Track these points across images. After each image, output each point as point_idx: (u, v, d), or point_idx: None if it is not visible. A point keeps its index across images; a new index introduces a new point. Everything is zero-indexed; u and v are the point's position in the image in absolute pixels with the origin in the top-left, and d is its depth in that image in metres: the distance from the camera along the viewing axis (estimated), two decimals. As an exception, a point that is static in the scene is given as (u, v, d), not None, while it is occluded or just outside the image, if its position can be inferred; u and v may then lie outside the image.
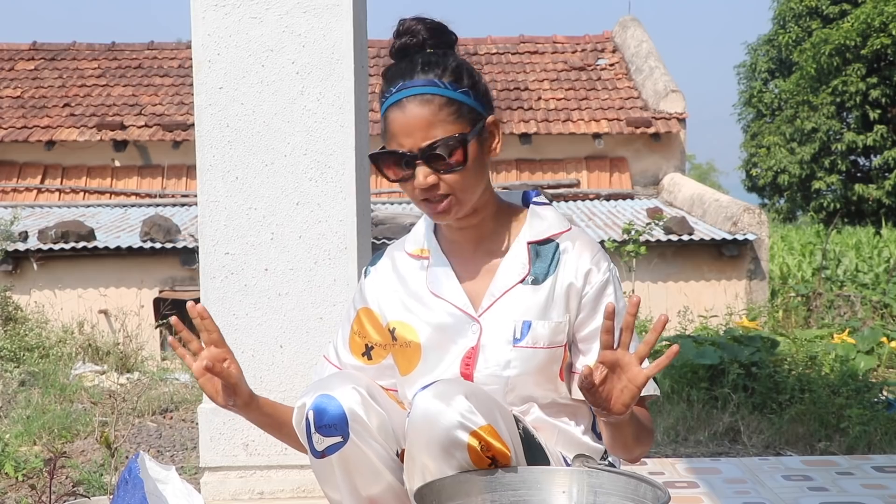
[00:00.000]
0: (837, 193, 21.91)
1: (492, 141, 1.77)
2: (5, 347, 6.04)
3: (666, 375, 4.76)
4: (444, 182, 1.70)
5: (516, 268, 1.79)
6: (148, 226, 9.75)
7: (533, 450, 1.74)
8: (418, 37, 1.76)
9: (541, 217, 1.84)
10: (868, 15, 20.37)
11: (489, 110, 1.78)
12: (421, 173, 1.69)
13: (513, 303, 1.77)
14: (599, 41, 14.98)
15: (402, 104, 1.70)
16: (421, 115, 1.68)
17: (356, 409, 1.68)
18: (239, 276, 2.74)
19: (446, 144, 1.68)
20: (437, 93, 1.69)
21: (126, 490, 2.17)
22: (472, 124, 1.72)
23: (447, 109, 1.69)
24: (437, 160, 1.69)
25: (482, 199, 1.78)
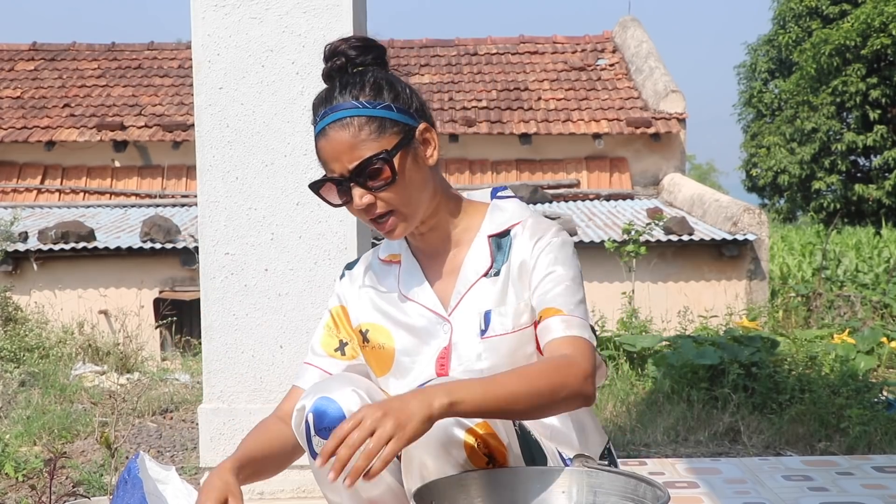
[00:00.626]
0: (837, 193, 21.90)
1: (426, 149, 1.76)
2: (5, 348, 6.04)
3: (666, 375, 4.76)
4: (381, 200, 1.71)
5: (479, 262, 1.81)
6: (148, 226, 9.75)
7: (529, 446, 1.74)
8: (345, 56, 1.75)
9: (501, 209, 1.85)
10: (868, 15, 20.37)
11: (419, 119, 1.76)
12: (356, 195, 1.70)
13: (477, 297, 1.79)
14: (599, 41, 14.98)
15: (325, 132, 1.70)
16: (343, 139, 1.68)
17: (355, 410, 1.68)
18: (239, 276, 2.74)
19: (371, 164, 1.68)
20: (355, 114, 1.69)
21: (126, 490, 2.17)
22: (399, 136, 1.70)
23: (368, 128, 1.68)
24: (367, 180, 1.69)
25: (432, 206, 1.78)
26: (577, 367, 1.65)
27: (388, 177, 1.69)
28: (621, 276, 8.54)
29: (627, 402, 4.66)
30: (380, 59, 1.78)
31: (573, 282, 1.76)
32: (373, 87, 1.72)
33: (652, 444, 3.97)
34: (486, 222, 1.84)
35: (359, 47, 1.76)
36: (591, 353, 1.69)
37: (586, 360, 1.67)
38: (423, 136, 1.75)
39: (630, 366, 5.38)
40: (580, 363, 1.65)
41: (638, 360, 5.44)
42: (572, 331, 1.70)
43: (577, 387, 1.63)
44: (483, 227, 1.83)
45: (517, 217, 1.83)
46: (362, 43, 1.77)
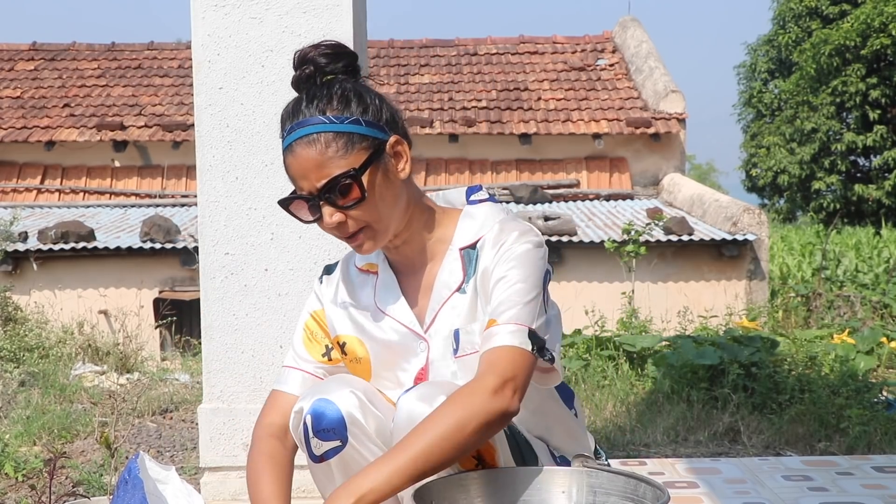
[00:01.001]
0: (837, 194, 21.90)
1: (397, 162, 1.70)
2: (5, 348, 6.04)
3: (666, 375, 4.76)
4: (352, 218, 1.67)
5: (451, 277, 1.75)
6: (148, 226, 9.74)
7: (520, 446, 1.74)
8: (314, 65, 1.70)
9: (472, 217, 1.79)
10: (868, 15, 20.37)
11: (390, 131, 1.70)
12: (326, 213, 1.66)
13: (450, 314, 1.74)
14: (599, 41, 14.98)
15: (292, 148, 1.65)
16: (309, 156, 1.63)
17: (354, 412, 1.68)
18: (239, 276, 2.74)
19: (339, 182, 1.63)
20: (322, 129, 1.63)
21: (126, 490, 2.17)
22: (368, 151, 1.65)
23: (335, 145, 1.63)
24: (336, 198, 1.64)
25: (405, 219, 1.74)
26: (479, 389, 1.57)
27: (358, 195, 1.64)
28: (621, 276, 8.54)
29: (627, 402, 4.66)
30: (351, 66, 1.73)
31: (524, 283, 1.67)
32: (341, 100, 1.66)
33: (652, 444, 3.97)
34: (458, 233, 1.77)
35: (329, 55, 1.71)
36: (513, 362, 1.60)
37: (498, 373, 1.58)
38: (394, 149, 1.70)
39: (630, 366, 5.38)
40: (484, 381, 1.57)
41: (638, 360, 5.44)
42: (497, 341, 1.62)
43: (484, 410, 1.54)
44: (455, 238, 1.77)
45: (486, 226, 1.75)
46: (333, 50, 1.71)
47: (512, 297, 1.65)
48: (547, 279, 1.72)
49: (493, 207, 1.81)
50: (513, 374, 1.59)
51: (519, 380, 1.60)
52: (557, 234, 9.63)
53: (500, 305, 1.65)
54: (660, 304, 8.83)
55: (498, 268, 1.68)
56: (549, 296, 1.74)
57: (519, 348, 1.61)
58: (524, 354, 1.61)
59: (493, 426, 1.57)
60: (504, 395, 1.56)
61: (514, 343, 1.61)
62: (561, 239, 9.62)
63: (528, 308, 1.65)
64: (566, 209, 11.36)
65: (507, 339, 1.62)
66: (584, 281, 9.70)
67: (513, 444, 1.73)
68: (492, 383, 1.57)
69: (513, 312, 1.64)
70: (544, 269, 1.71)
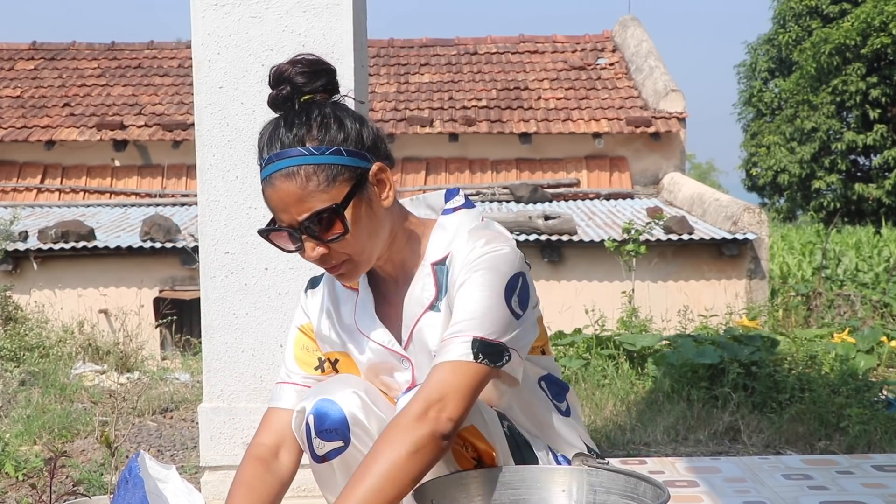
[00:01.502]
0: (837, 193, 21.90)
1: (381, 191, 1.66)
2: (5, 347, 6.04)
3: (666, 375, 4.76)
4: (334, 250, 1.64)
5: (424, 294, 1.72)
6: (148, 225, 9.75)
7: (520, 447, 1.74)
8: (291, 84, 1.63)
9: (444, 229, 1.75)
10: (868, 14, 20.37)
11: (372, 158, 1.64)
12: (308, 247, 1.63)
13: (426, 332, 1.71)
14: (599, 40, 14.98)
15: (271, 181, 1.60)
16: (290, 190, 1.58)
17: (357, 413, 1.68)
18: (239, 275, 2.74)
19: (321, 218, 1.59)
20: (302, 163, 1.58)
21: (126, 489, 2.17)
22: (350, 183, 1.60)
23: (316, 178, 1.58)
24: (317, 232, 1.61)
25: (388, 245, 1.71)
26: (402, 419, 1.55)
27: (340, 230, 1.61)
28: (621, 276, 8.54)
29: (627, 402, 4.66)
30: (330, 84, 1.66)
31: (480, 291, 1.62)
32: (320, 128, 1.60)
33: (652, 443, 3.97)
34: (430, 248, 1.74)
35: (307, 73, 1.63)
36: (443, 381, 1.56)
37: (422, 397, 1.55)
38: (377, 177, 1.65)
39: (630, 365, 5.38)
40: (408, 409, 1.55)
41: (638, 360, 5.44)
42: (437, 359, 1.60)
43: (409, 440, 1.52)
44: (426, 253, 1.74)
45: (456, 238, 1.71)
46: (311, 68, 1.64)
47: (465, 309, 1.61)
48: (517, 284, 1.66)
49: (467, 215, 1.77)
50: (439, 395, 1.55)
51: (450, 397, 1.55)
52: (557, 233, 9.63)
53: (454, 319, 1.63)
54: (660, 303, 8.83)
55: (459, 280, 1.65)
56: (528, 294, 1.69)
57: (457, 362, 1.57)
58: (463, 367, 1.57)
59: (426, 452, 1.53)
60: (427, 420, 1.53)
61: (453, 357, 1.58)
62: (561, 238, 9.62)
63: (480, 317, 1.60)
64: (566, 208, 11.36)
65: (446, 354, 1.59)
66: (584, 280, 9.70)
67: (513, 445, 1.73)
68: (414, 410, 1.54)
69: (460, 325, 1.60)
70: (510, 273, 1.65)
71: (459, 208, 1.78)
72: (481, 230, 1.72)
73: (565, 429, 1.84)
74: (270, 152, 1.61)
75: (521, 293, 1.66)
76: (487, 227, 1.73)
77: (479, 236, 1.69)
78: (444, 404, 1.55)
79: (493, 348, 1.60)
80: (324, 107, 1.63)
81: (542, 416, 1.81)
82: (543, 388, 1.82)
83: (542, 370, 1.82)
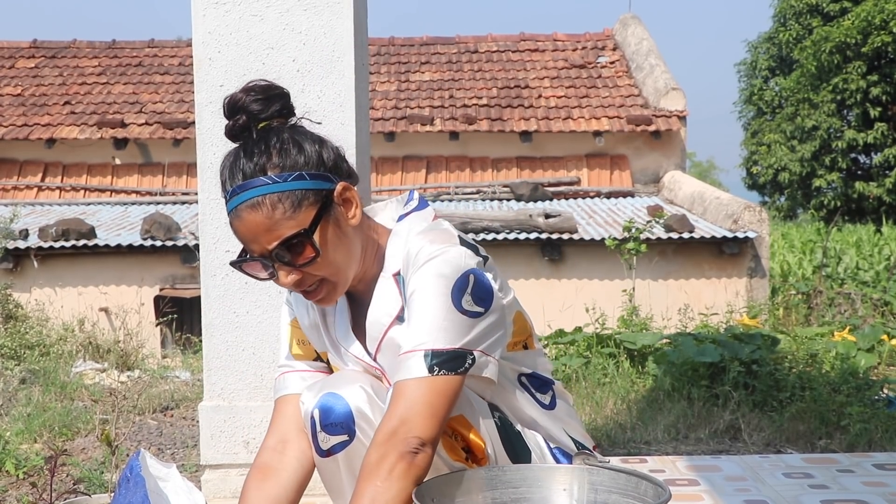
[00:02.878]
0: (838, 191, 21.90)
1: (347, 209, 1.66)
2: (6, 345, 6.04)
3: (667, 373, 4.76)
4: (307, 273, 1.64)
5: (389, 304, 1.72)
6: (148, 224, 9.74)
7: (511, 438, 1.74)
8: (246, 113, 1.62)
9: (398, 236, 1.75)
10: (869, 12, 20.36)
11: (336, 178, 1.65)
12: (281, 274, 1.64)
13: (395, 342, 1.70)
14: (600, 39, 14.97)
15: (238, 213, 1.61)
16: (256, 221, 1.59)
17: (363, 407, 1.68)
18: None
19: (290, 245, 1.60)
20: (266, 192, 1.58)
21: (127, 488, 2.17)
22: (316, 206, 1.61)
23: (281, 206, 1.59)
24: (288, 258, 1.62)
25: (361, 262, 1.72)
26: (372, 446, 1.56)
27: (311, 254, 1.62)
28: (622, 274, 8.54)
29: (628, 400, 4.66)
30: (286, 108, 1.66)
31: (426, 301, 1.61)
32: (280, 154, 1.60)
33: (652, 442, 3.97)
34: (388, 258, 1.74)
35: (261, 100, 1.63)
36: (404, 403, 1.57)
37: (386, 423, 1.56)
38: (343, 196, 1.66)
39: (630, 363, 5.38)
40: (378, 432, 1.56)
41: (638, 358, 5.44)
42: (396, 376, 1.60)
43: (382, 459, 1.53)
44: (386, 264, 1.74)
45: (406, 250, 1.69)
46: (264, 94, 1.64)
47: (415, 322, 1.61)
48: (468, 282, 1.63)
49: (417, 217, 1.77)
50: (402, 418, 1.55)
51: (414, 416, 1.55)
52: (558, 231, 9.63)
53: (407, 333, 1.63)
54: (660, 301, 8.84)
55: (408, 291, 1.65)
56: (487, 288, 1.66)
57: (413, 380, 1.57)
58: (422, 384, 1.57)
59: (401, 472, 1.54)
60: (397, 441, 1.54)
61: (410, 375, 1.58)
62: (561, 236, 9.62)
63: (430, 328, 1.60)
64: (567, 207, 11.35)
65: (403, 372, 1.59)
66: (584, 278, 9.70)
67: (504, 436, 1.73)
68: (383, 433, 1.55)
69: (413, 339, 1.60)
70: (456, 275, 1.62)
71: (411, 212, 1.78)
72: (426, 233, 1.71)
73: (549, 422, 1.83)
74: (234, 184, 1.61)
75: (474, 291, 1.64)
76: (433, 229, 1.72)
77: (423, 240, 1.68)
78: (410, 425, 1.55)
79: (449, 356, 1.59)
80: (282, 132, 1.64)
81: (525, 412, 1.80)
82: (525, 383, 1.81)
83: (524, 367, 1.80)
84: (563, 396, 1.89)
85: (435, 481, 1.60)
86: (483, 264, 1.69)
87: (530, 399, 1.81)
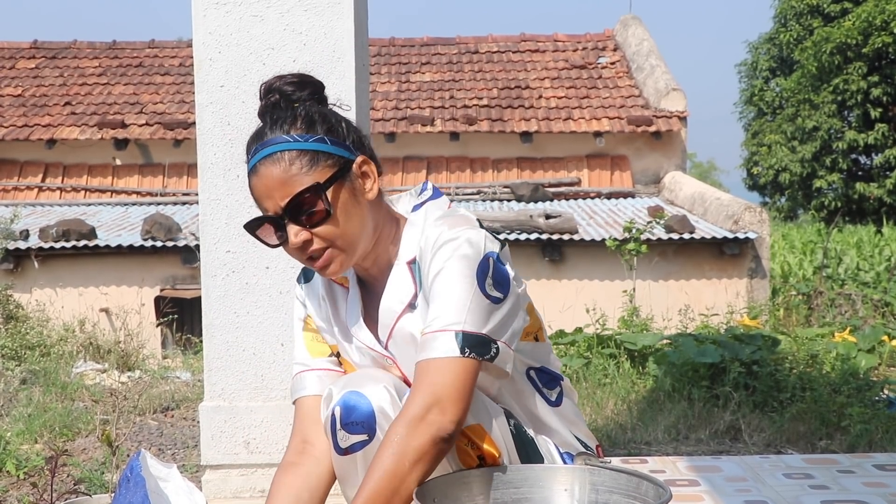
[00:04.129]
0: (838, 192, 21.90)
1: (364, 182, 1.69)
2: (6, 346, 6.04)
3: (667, 374, 4.76)
4: (317, 236, 1.65)
5: (402, 292, 1.73)
6: (149, 224, 9.75)
7: (525, 445, 1.74)
8: (279, 93, 1.69)
9: (413, 225, 1.76)
10: (869, 13, 20.36)
11: (356, 151, 1.69)
12: (291, 232, 1.64)
13: (407, 329, 1.71)
14: (600, 39, 14.97)
15: (257, 169, 1.65)
16: (274, 174, 1.63)
17: (385, 407, 1.66)
18: (240, 273, 2.74)
19: (304, 198, 1.62)
20: (286, 148, 1.63)
21: (128, 488, 2.17)
22: (333, 169, 1.64)
23: (299, 162, 1.62)
24: (300, 215, 1.63)
25: (373, 241, 1.72)
26: (403, 423, 1.54)
27: (323, 211, 1.63)
28: (622, 275, 8.54)
29: (628, 401, 4.66)
30: (317, 94, 1.73)
31: (451, 281, 1.62)
32: (304, 121, 1.66)
33: (653, 442, 3.97)
34: (402, 246, 1.75)
35: (294, 83, 1.70)
36: (435, 381, 1.56)
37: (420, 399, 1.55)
38: (361, 168, 1.69)
39: (631, 364, 5.38)
40: (407, 412, 1.55)
41: (639, 359, 5.44)
42: (423, 354, 1.59)
43: (412, 447, 1.53)
44: (400, 252, 1.75)
45: (423, 233, 1.71)
46: (298, 79, 1.71)
47: (440, 301, 1.61)
48: (489, 265, 1.64)
49: (432, 207, 1.78)
50: (435, 397, 1.55)
51: (446, 397, 1.55)
52: (558, 232, 9.63)
53: (432, 312, 1.62)
54: (661, 302, 8.83)
55: (430, 273, 1.65)
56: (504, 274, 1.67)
57: (446, 359, 1.57)
58: (453, 364, 1.57)
59: (429, 458, 1.54)
60: (430, 423, 1.53)
61: (440, 354, 1.57)
62: (562, 237, 9.62)
63: (458, 309, 1.60)
64: (567, 207, 11.35)
65: (432, 351, 1.58)
66: (584, 279, 9.70)
67: (518, 444, 1.72)
68: (414, 413, 1.55)
69: (440, 319, 1.60)
70: (479, 257, 1.63)
71: (426, 202, 1.80)
72: (445, 218, 1.72)
73: (554, 419, 1.83)
74: (256, 144, 1.67)
75: (495, 275, 1.64)
76: (450, 215, 1.73)
77: (442, 224, 1.69)
78: (443, 406, 1.55)
79: (479, 340, 1.59)
80: (310, 106, 1.69)
81: (530, 407, 1.80)
82: (533, 377, 1.81)
83: (533, 361, 1.80)
84: (569, 395, 1.89)
85: (437, 481, 1.60)
86: (501, 249, 1.70)
87: (537, 394, 1.81)
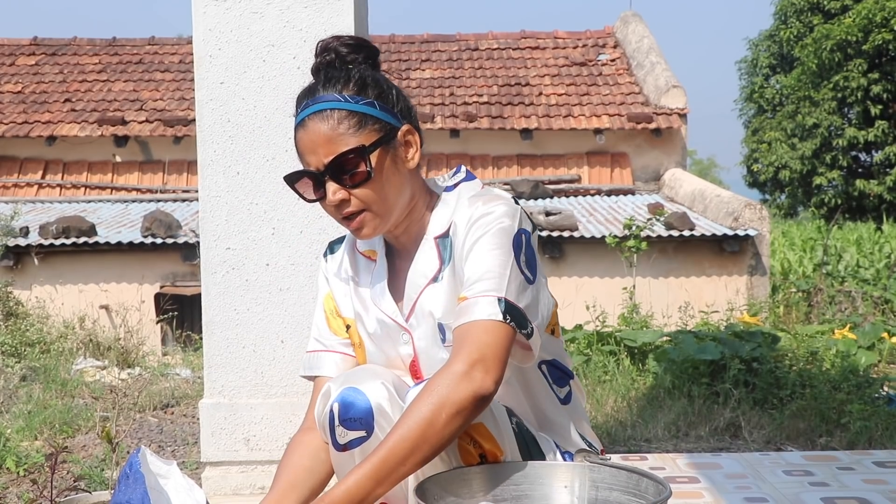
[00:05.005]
0: (838, 189, 21.88)
1: (406, 151, 1.72)
2: (6, 342, 6.04)
3: (667, 371, 4.77)
4: (355, 197, 1.67)
5: (427, 266, 1.74)
6: (149, 221, 9.75)
7: (527, 443, 1.74)
8: (335, 53, 1.72)
9: (445, 204, 1.78)
10: (869, 10, 20.34)
11: (403, 120, 1.72)
12: (330, 189, 1.67)
13: (429, 303, 1.73)
14: (601, 36, 14.97)
15: (305, 123, 1.68)
16: (321, 130, 1.65)
17: (383, 404, 1.66)
18: (240, 271, 2.74)
19: (347, 158, 1.64)
20: (336, 107, 1.65)
21: (127, 485, 2.17)
22: (379, 133, 1.67)
23: (347, 122, 1.65)
24: (341, 174, 1.66)
25: (407, 210, 1.74)
26: (445, 376, 1.54)
27: (364, 172, 1.65)
28: (622, 272, 8.53)
29: (628, 398, 4.66)
30: (371, 58, 1.76)
31: (491, 251, 1.63)
32: (357, 83, 1.69)
33: (653, 439, 3.97)
34: (432, 222, 1.77)
35: (351, 45, 1.74)
36: (481, 339, 1.57)
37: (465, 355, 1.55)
38: (406, 137, 1.72)
39: (631, 361, 5.38)
40: (451, 367, 1.55)
41: (639, 356, 5.44)
42: (467, 316, 1.59)
43: (451, 399, 1.52)
44: (430, 227, 1.77)
45: (457, 210, 1.74)
46: (355, 41, 1.75)
47: (480, 268, 1.62)
48: (522, 241, 1.67)
49: (466, 186, 1.80)
50: (480, 354, 1.55)
51: (490, 357, 1.56)
52: (558, 229, 9.63)
53: (470, 278, 1.63)
54: (661, 299, 8.83)
55: (467, 243, 1.67)
56: (535, 258, 1.70)
57: (490, 321, 1.58)
58: (496, 327, 1.58)
59: (466, 413, 1.54)
60: (473, 379, 1.53)
61: (484, 316, 1.58)
62: (562, 234, 9.62)
63: (498, 276, 1.61)
64: (567, 204, 11.36)
65: (476, 313, 1.59)
66: (585, 276, 9.70)
67: (521, 442, 1.72)
68: (459, 368, 1.54)
69: (482, 284, 1.61)
70: (514, 231, 1.66)
71: (460, 183, 1.82)
72: (480, 195, 1.75)
73: (562, 418, 1.83)
74: (308, 99, 1.70)
75: (527, 252, 1.68)
76: (485, 193, 1.76)
77: (478, 199, 1.72)
78: (486, 365, 1.55)
79: (518, 312, 1.61)
80: (364, 69, 1.72)
81: (538, 401, 1.80)
82: (544, 371, 1.81)
83: (545, 354, 1.80)
84: (578, 394, 1.89)
85: (437, 478, 1.60)
86: (533, 231, 1.73)
87: (547, 389, 1.81)
